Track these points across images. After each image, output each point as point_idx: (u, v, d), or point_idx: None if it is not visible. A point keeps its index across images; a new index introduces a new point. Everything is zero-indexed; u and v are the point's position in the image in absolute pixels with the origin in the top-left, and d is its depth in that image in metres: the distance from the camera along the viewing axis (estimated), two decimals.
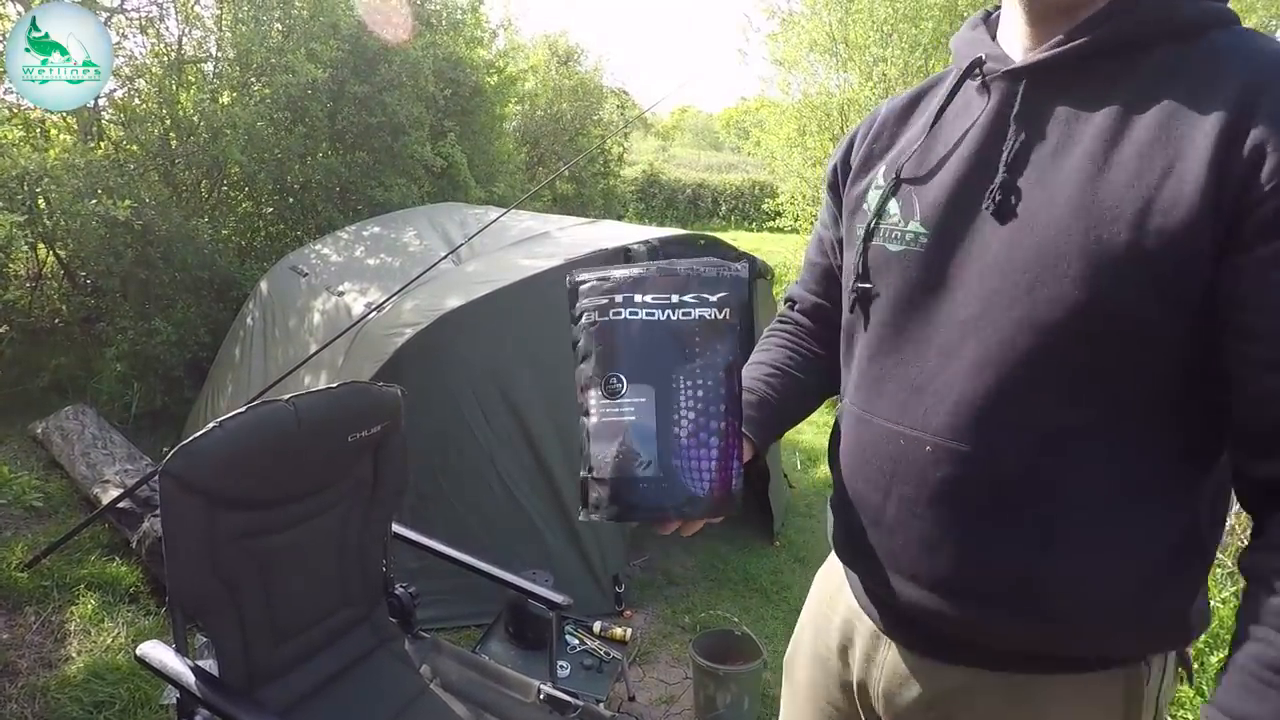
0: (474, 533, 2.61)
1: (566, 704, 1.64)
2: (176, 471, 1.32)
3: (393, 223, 4.00)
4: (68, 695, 2.13)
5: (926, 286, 0.82)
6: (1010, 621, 0.78)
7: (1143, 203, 0.69)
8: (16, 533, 2.94)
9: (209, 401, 3.80)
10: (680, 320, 0.80)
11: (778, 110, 9.49)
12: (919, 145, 0.87)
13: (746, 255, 3.48)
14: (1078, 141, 0.74)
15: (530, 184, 8.51)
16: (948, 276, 0.81)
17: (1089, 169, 0.73)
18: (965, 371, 0.78)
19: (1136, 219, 0.69)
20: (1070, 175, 0.74)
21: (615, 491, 0.83)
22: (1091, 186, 0.72)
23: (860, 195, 0.94)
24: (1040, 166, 0.76)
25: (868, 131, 0.99)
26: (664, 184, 18.81)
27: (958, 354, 0.78)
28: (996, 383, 0.76)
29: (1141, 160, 0.70)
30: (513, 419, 2.70)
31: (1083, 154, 0.73)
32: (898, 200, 0.87)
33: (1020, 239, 0.75)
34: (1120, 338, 0.71)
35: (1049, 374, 0.74)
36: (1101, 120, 0.74)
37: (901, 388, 0.83)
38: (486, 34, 7.75)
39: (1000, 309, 0.75)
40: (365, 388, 1.67)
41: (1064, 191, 0.73)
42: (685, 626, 2.84)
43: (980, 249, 0.78)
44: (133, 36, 4.64)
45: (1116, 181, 0.71)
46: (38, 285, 4.89)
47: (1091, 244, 0.71)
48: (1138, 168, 0.70)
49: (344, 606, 1.73)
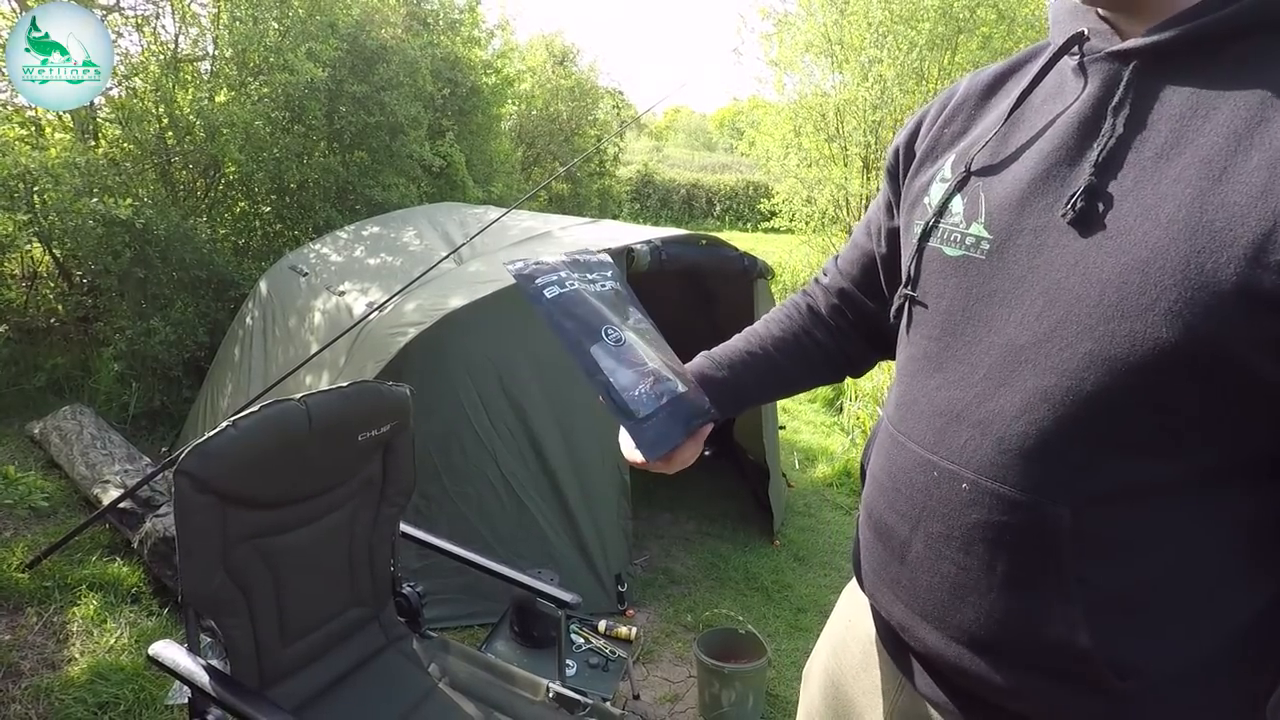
0: (477, 532, 2.62)
1: (576, 702, 1.65)
2: (191, 470, 1.32)
3: (392, 222, 3.99)
4: (72, 696, 2.12)
5: (983, 300, 0.72)
6: (1038, 689, 0.69)
7: (1268, 227, 0.56)
8: (16, 533, 2.92)
9: (208, 401, 3.78)
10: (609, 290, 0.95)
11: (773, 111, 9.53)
12: (996, 133, 0.75)
13: (747, 255, 3.49)
14: (1192, 144, 0.61)
15: (527, 184, 8.51)
16: (1009, 291, 0.69)
17: (1202, 179, 0.60)
18: (1017, 405, 0.67)
19: (1256, 247, 0.56)
20: (1177, 185, 0.61)
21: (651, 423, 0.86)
22: (1202, 201, 0.59)
23: (923, 188, 0.81)
24: (1140, 170, 0.63)
25: (940, 112, 0.85)
26: (658, 184, 18.85)
27: (1010, 383, 0.68)
28: (1055, 423, 0.65)
29: (1273, 173, 0.57)
30: (516, 418, 2.70)
31: (1197, 159, 0.60)
32: (963, 197, 0.75)
33: (1103, 258, 0.63)
34: (1217, 388, 0.60)
35: (1119, 421, 0.63)
36: (1227, 119, 0.60)
37: (940, 412, 0.73)
38: (484, 34, 7.75)
39: (1068, 338, 0.64)
40: (376, 387, 1.67)
41: (1167, 204, 0.61)
42: (688, 625, 2.85)
43: (1052, 263, 0.66)
44: (128, 34, 4.63)
45: (1236, 197, 0.58)
46: (33, 285, 4.87)
47: (1193, 273, 0.58)
48: (1266, 182, 0.57)
49: (353, 606, 1.73)
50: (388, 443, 1.70)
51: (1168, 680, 0.66)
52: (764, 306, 3.67)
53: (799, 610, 2.96)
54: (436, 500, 2.61)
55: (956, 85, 0.86)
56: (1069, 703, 0.68)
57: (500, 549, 2.62)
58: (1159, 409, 0.62)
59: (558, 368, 2.78)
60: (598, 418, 2.88)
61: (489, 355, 2.67)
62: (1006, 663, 0.70)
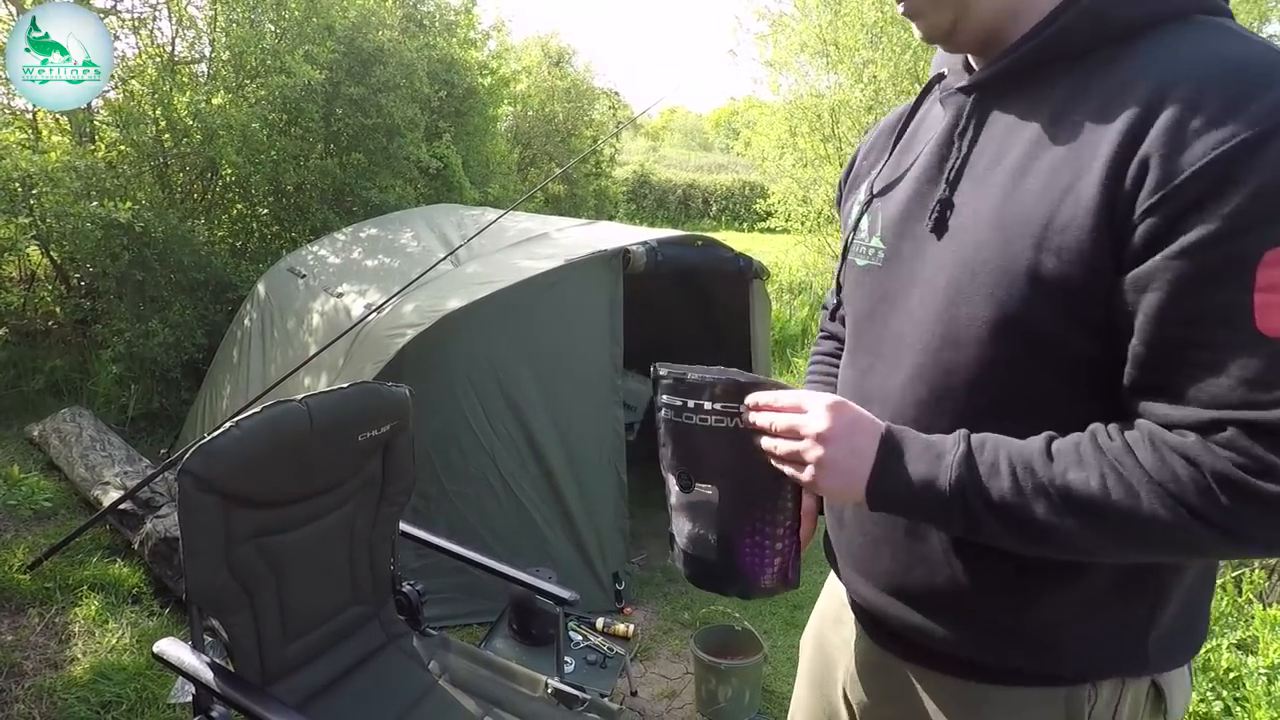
0: (476, 531, 2.64)
1: (574, 698, 1.67)
2: (195, 470, 1.34)
3: (390, 224, 4.01)
4: (74, 695, 2.14)
5: (881, 300, 0.85)
6: (941, 626, 0.81)
7: (1044, 221, 0.68)
8: (17, 535, 2.94)
9: (207, 403, 3.80)
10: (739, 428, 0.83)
11: (768, 111, 9.55)
12: (888, 161, 0.91)
13: (743, 256, 3.52)
14: (1008, 154, 0.74)
15: (523, 185, 8.52)
16: (898, 291, 0.83)
17: (1009, 183, 0.72)
18: (903, 383, 0.81)
19: (1039, 236, 0.68)
20: (994, 189, 0.73)
21: (689, 561, 0.92)
22: (1007, 201, 0.72)
23: (848, 211, 0.97)
24: (974, 181, 0.76)
25: (863, 147, 1.02)
26: (655, 185, 18.87)
27: (898, 366, 0.82)
28: (928, 396, 0.78)
29: (1052, 174, 0.69)
30: (514, 419, 2.72)
31: (1009, 167, 0.73)
32: (869, 216, 0.89)
33: (950, 256, 0.76)
34: (1041, 358, 0.71)
35: (974, 391, 0.75)
36: (1032, 131, 0.73)
37: (857, 396, 0.85)
38: (480, 36, 7.77)
39: (929, 324, 0.77)
40: (376, 388, 1.69)
41: (987, 205, 0.73)
42: (685, 623, 2.88)
43: (923, 265, 0.80)
44: (125, 37, 4.64)
45: (1028, 195, 0.70)
46: (31, 288, 4.88)
47: (1002, 261, 0.71)
48: (1047, 182, 0.69)
49: (354, 604, 1.75)
50: (387, 443, 1.72)
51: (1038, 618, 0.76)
52: (760, 307, 3.69)
53: (795, 607, 2.99)
54: (435, 500, 2.63)
55: (880, 122, 1.02)
56: (970, 639, 0.80)
57: (499, 548, 2.63)
58: (1004, 380, 0.74)
59: (555, 368, 2.80)
60: (595, 418, 2.91)
61: (487, 356, 2.69)
62: (918, 606, 0.83)
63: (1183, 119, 0.62)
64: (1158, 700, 0.81)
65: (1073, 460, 0.67)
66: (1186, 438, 0.64)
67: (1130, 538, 0.66)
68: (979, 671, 0.81)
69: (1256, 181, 0.59)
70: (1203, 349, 0.63)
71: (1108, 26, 0.70)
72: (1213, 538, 0.63)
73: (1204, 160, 0.61)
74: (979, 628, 0.79)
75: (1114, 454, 0.66)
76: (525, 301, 2.75)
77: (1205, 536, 0.63)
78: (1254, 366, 0.60)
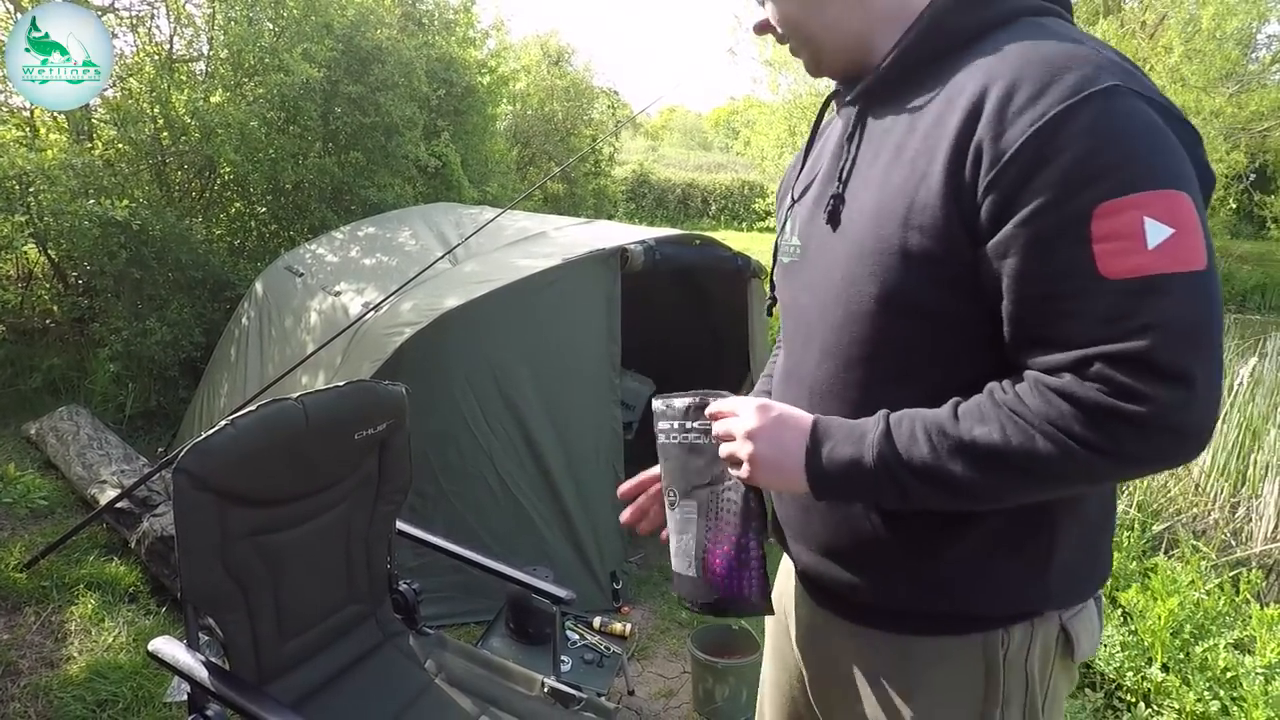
0: (473, 531, 2.64)
1: (570, 697, 1.67)
2: (190, 468, 1.34)
3: (388, 223, 4.01)
4: (70, 694, 2.14)
5: (798, 290, 0.97)
6: (868, 580, 0.91)
7: (907, 204, 0.80)
8: (13, 533, 2.94)
9: (204, 402, 3.80)
10: (712, 443, 0.91)
11: (768, 110, 9.55)
12: (802, 168, 1.04)
13: (741, 255, 3.51)
14: (883, 152, 0.86)
15: (522, 184, 8.52)
16: (809, 282, 0.94)
17: (883, 175, 0.84)
18: (814, 360, 0.92)
19: (905, 217, 0.80)
20: (873, 182, 0.85)
21: (675, 580, 0.99)
22: (880, 191, 0.83)
23: (779, 218, 1.10)
24: (859, 178, 0.88)
25: (792, 161, 1.15)
26: (654, 184, 18.85)
27: (810, 346, 0.93)
28: (835, 369, 0.89)
29: (912, 164, 0.81)
30: (511, 418, 2.72)
31: (883, 162, 0.85)
32: (790, 218, 1.02)
33: (842, 244, 0.87)
34: (927, 325, 0.81)
35: (876, 361, 0.86)
36: (899, 131, 0.85)
37: (785, 377, 0.99)
38: (479, 35, 7.76)
39: (832, 306, 0.88)
40: (372, 386, 1.69)
41: (868, 197, 0.85)
42: (682, 622, 2.88)
43: (825, 256, 0.91)
44: (123, 35, 4.64)
45: (896, 184, 0.82)
46: (29, 286, 4.87)
47: (879, 243, 0.82)
48: (908, 172, 0.81)
49: (350, 603, 1.75)
50: (384, 441, 1.72)
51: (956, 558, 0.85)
52: (758, 306, 3.69)
53: None
54: (433, 499, 2.63)
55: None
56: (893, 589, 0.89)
57: (496, 547, 2.63)
58: (899, 348, 0.84)
59: (553, 367, 2.80)
60: (592, 417, 2.91)
61: (485, 355, 2.69)
62: (847, 564, 0.92)
63: (1002, 106, 0.74)
64: (1067, 644, 0.90)
65: (976, 418, 0.76)
66: (1063, 378, 0.73)
67: (1035, 476, 0.74)
68: (906, 623, 0.90)
69: (1069, 150, 0.70)
70: (1061, 300, 0.72)
71: (948, 37, 0.84)
72: (1100, 461, 0.72)
73: (1022, 139, 0.72)
74: (900, 578, 0.89)
75: (1008, 405, 0.75)
76: (523, 300, 2.75)
77: (1094, 462, 0.72)
78: (1104, 306, 0.70)
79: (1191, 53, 11.91)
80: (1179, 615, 2.55)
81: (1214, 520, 3.58)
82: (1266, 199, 13.90)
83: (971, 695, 0.89)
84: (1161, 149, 0.71)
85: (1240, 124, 13.16)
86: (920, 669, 0.91)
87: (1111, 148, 0.70)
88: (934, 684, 0.90)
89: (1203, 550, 3.23)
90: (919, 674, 0.91)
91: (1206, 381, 0.69)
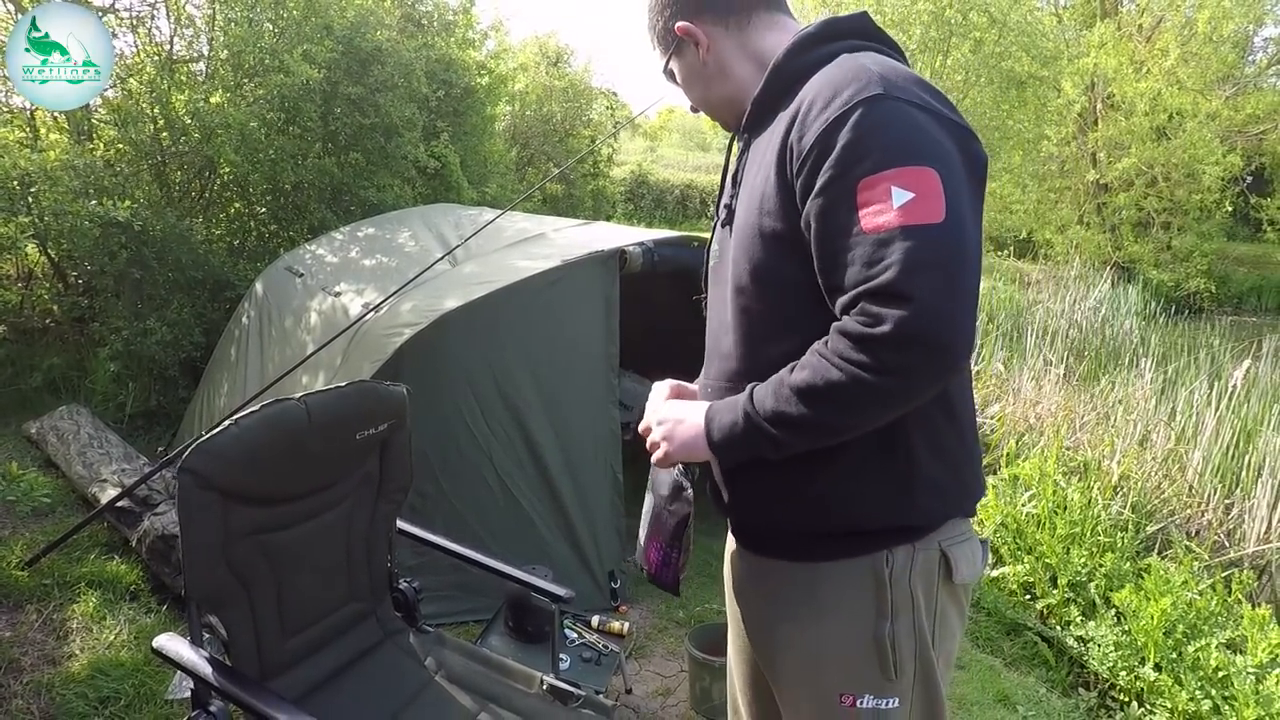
0: (472, 530, 2.65)
1: (569, 694, 1.69)
2: (194, 468, 1.35)
3: (387, 224, 4.02)
4: (72, 691, 2.15)
5: (714, 284, 1.23)
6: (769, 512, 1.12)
7: (760, 196, 1.06)
8: (15, 531, 2.95)
9: (205, 401, 3.81)
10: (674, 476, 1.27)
11: None
12: (722, 191, 1.27)
13: None
14: (755, 166, 1.11)
15: (521, 185, 8.53)
16: (719, 276, 1.19)
17: (752, 181, 1.11)
18: (719, 330, 1.18)
19: (759, 208, 1.06)
20: (749, 189, 1.11)
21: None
22: (751, 193, 1.10)
23: None
24: (742, 187, 1.14)
25: None
26: (652, 185, 18.82)
27: (721, 324, 1.17)
28: (732, 337, 1.13)
29: (762, 171, 1.07)
30: (511, 418, 2.74)
31: (753, 173, 1.11)
32: (714, 231, 1.27)
33: (732, 238, 1.13)
34: (785, 291, 1.05)
35: (756, 323, 1.09)
36: (764, 149, 1.09)
37: (707, 356, 1.23)
38: (478, 36, 7.77)
39: (728, 285, 1.12)
40: (374, 386, 1.71)
41: (745, 199, 1.12)
42: (679, 621, 2.90)
43: (725, 251, 1.16)
44: (123, 35, 4.65)
45: (756, 184, 1.08)
46: (29, 285, 4.88)
47: (750, 231, 1.08)
48: (763, 175, 1.07)
49: (351, 601, 1.77)
50: (385, 441, 1.74)
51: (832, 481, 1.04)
52: None
53: None
54: (432, 498, 2.65)
55: None
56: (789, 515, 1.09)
57: (495, 546, 2.65)
58: (769, 311, 1.08)
59: (552, 368, 2.82)
60: (591, 417, 2.92)
61: (484, 356, 2.71)
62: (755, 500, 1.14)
63: (805, 116, 0.99)
64: (948, 568, 1.08)
65: (800, 366, 0.97)
66: (844, 319, 0.94)
67: (844, 404, 0.94)
68: (807, 551, 1.10)
69: (842, 142, 0.94)
70: (840, 254, 0.94)
71: (786, 79, 1.09)
72: (882, 383, 0.91)
73: (814, 137, 0.97)
74: (791, 505, 1.08)
75: (819, 351, 0.95)
76: (522, 301, 2.77)
77: (878, 384, 0.91)
78: (864, 254, 0.92)
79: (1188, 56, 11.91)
80: (1172, 615, 2.58)
81: (1207, 521, 3.60)
82: (1262, 201, 13.94)
83: (866, 610, 1.06)
84: (911, 137, 0.94)
85: (1237, 127, 13.18)
86: (826, 593, 1.09)
87: (870, 138, 0.93)
88: (839, 604, 1.08)
89: (1196, 551, 3.25)
90: (826, 598, 1.09)
91: (932, 299, 0.88)
